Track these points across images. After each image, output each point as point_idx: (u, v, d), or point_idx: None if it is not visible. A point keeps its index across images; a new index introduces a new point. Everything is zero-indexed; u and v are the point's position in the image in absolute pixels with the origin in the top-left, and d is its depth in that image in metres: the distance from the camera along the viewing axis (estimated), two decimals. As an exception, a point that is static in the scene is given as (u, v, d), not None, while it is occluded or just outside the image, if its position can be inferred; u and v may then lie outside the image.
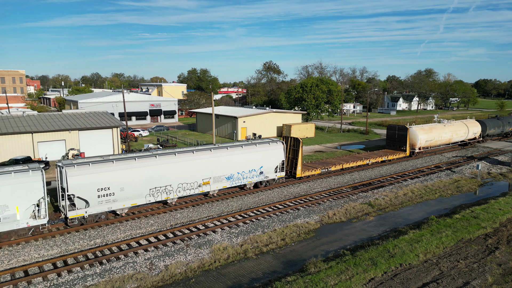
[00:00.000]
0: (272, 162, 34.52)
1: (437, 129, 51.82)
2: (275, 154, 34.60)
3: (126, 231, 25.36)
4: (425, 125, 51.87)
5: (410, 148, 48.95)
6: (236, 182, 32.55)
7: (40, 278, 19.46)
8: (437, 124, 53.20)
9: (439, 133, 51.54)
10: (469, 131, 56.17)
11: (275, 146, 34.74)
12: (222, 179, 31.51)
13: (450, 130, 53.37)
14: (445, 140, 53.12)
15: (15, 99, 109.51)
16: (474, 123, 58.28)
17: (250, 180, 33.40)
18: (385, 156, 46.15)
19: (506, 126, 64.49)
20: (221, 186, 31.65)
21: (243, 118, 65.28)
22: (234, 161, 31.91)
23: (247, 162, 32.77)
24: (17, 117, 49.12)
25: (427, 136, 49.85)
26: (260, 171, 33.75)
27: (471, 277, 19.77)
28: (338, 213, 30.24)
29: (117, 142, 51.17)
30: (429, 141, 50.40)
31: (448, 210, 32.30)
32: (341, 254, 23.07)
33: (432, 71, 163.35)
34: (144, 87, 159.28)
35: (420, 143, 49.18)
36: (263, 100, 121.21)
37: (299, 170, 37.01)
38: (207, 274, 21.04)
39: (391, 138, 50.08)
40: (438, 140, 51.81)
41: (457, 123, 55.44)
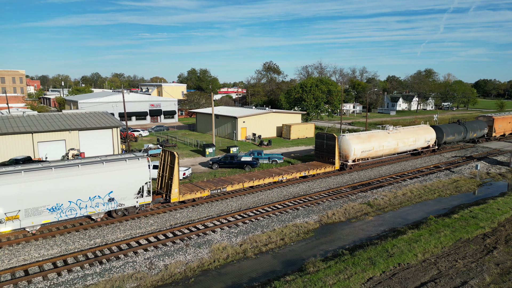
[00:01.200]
0: (129, 184, 26.79)
1: (378, 137, 44.64)
2: (135, 174, 26.90)
3: (126, 231, 25.46)
4: (362, 133, 44.67)
5: (342, 160, 42.17)
6: (69, 214, 24.59)
7: (40, 278, 19.57)
8: (379, 132, 46.13)
9: (380, 142, 44.40)
10: (419, 138, 49.36)
11: (134, 164, 26.97)
12: (43, 212, 23.53)
13: (396, 138, 46.28)
14: (388, 150, 45.90)
15: (15, 99, 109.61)
16: (428, 129, 51.64)
17: (93, 210, 25.52)
18: (306, 170, 38.51)
19: (469, 132, 57.17)
20: (40, 221, 23.60)
21: (243, 118, 65.38)
22: (63, 186, 24.01)
23: (87, 187, 24.94)
24: (17, 117, 49.21)
25: (363, 146, 42.52)
26: (109, 197, 26.05)
27: (469, 277, 19.88)
28: (337, 213, 30.35)
29: (117, 142, 51.28)
30: (366, 152, 43.13)
31: (447, 210, 32.41)
32: (340, 254, 23.18)
33: (432, 71, 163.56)
34: (144, 87, 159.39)
35: (354, 154, 41.96)
36: (263, 100, 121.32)
37: (175, 193, 29.36)
38: (206, 273, 21.14)
39: (320, 149, 42.54)
40: (379, 150, 44.52)
41: (405, 130, 48.76)
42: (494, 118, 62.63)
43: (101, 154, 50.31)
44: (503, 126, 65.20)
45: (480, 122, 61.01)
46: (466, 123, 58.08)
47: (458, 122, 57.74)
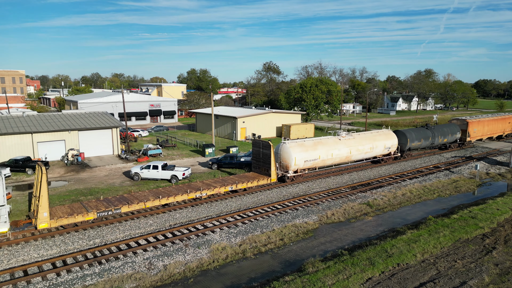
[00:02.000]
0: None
1: (326, 144, 39.69)
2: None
3: (125, 231, 25.47)
4: (308, 140, 39.43)
5: (282, 170, 37.69)
6: None
7: (39, 278, 19.57)
8: (329, 138, 41.16)
9: (329, 150, 39.49)
10: (377, 145, 44.50)
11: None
12: None
13: (348, 145, 41.45)
14: (339, 159, 41.17)
15: (15, 99, 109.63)
16: (388, 135, 46.64)
17: None
18: (234, 184, 33.53)
19: (437, 137, 52.37)
20: None
21: (243, 118, 65.40)
22: None
23: None
24: (17, 117, 49.24)
25: (307, 154, 37.61)
26: None
27: (468, 277, 19.88)
28: (336, 213, 30.35)
29: (116, 142, 51.30)
30: (311, 161, 38.30)
31: (446, 210, 32.41)
32: (339, 254, 23.18)
33: (432, 71, 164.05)
34: (144, 87, 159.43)
35: (296, 164, 37.00)
36: (262, 101, 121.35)
37: (44, 218, 24.35)
38: (205, 274, 21.14)
39: (257, 158, 37.45)
40: (327, 159, 39.72)
41: (360, 136, 43.68)
42: (468, 122, 57.69)
43: (101, 154, 50.36)
44: (479, 130, 59.98)
45: (452, 125, 56.39)
46: (435, 127, 53.44)
47: (426, 126, 53.20)
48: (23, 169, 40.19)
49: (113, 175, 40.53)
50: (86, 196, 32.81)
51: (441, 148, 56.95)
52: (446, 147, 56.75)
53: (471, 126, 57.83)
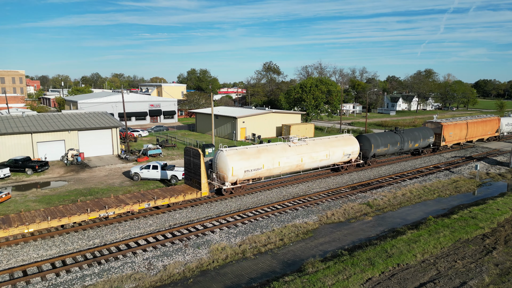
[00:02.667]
0: None
1: (272, 152, 35.27)
2: None
3: (124, 231, 25.43)
4: (251, 147, 34.91)
5: (219, 182, 33.30)
6: None
7: (38, 278, 19.53)
8: (277, 145, 36.63)
9: (275, 158, 35.15)
10: (334, 152, 40.10)
11: None
12: None
13: (299, 152, 37.10)
14: (289, 168, 36.71)
15: (15, 99, 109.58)
16: (349, 140, 42.27)
17: None
18: (152, 200, 28.58)
19: (406, 142, 48.23)
20: None
21: (243, 118, 65.37)
22: None
23: None
24: (16, 118, 49.20)
25: (248, 163, 33.22)
26: None
27: (468, 277, 19.85)
28: (336, 213, 30.32)
29: (116, 143, 51.27)
30: (254, 171, 33.80)
31: (446, 210, 32.38)
32: (339, 254, 23.15)
33: (432, 71, 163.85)
34: (143, 88, 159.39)
35: (234, 175, 32.70)
36: (262, 101, 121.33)
37: None
38: (205, 274, 21.11)
39: (188, 168, 32.60)
40: (274, 169, 35.38)
41: (314, 142, 39.36)
42: (443, 125, 53.54)
43: (100, 154, 50.33)
44: (455, 133, 55.63)
45: (424, 129, 52.21)
46: (404, 132, 49.18)
47: (394, 130, 49.19)
48: (23, 169, 40.16)
49: (113, 175, 40.49)
50: (85, 196, 32.78)
51: (414, 154, 53.17)
52: (418, 152, 52.87)
53: (446, 129, 53.80)
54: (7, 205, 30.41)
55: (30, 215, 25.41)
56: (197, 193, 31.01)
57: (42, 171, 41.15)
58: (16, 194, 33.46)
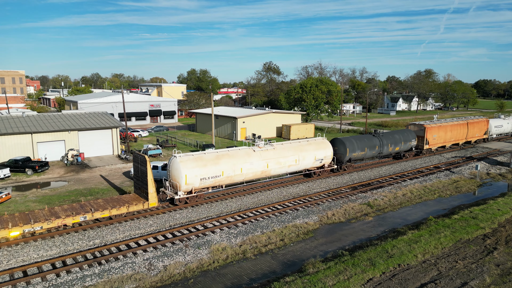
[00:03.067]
0: None
1: (233, 157, 32.53)
2: None
3: (125, 232, 25.40)
4: (209, 153, 31.92)
5: (172, 191, 30.55)
6: None
7: (39, 279, 19.50)
8: (239, 150, 33.82)
9: (236, 164, 32.40)
10: (305, 156, 37.50)
11: None
12: None
13: (265, 157, 34.42)
14: (253, 174, 34.06)
15: (15, 100, 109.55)
16: (322, 144, 39.45)
17: None
18: (90, 212, 26.18)
19: (386, 146, 45.40)
20: None
21: (243, 118, 65.33)
22: None
23: None
24: (16, 118, 49.18)
25: (205, 170, 30.44)
26: None
27: (469, 278, 19.82)
28: (337, 213, 30.29)
29: (116, 143, 51.24)
30: (212, 179, 31.05)
31: (447, 210, 32.35)
32: (339, 255, 23.12)
33: (432, 71, 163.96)
34: (143, 88, 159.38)
35: (189, 183, 29.84)
36: (262, 101, 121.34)
37: None
38: (206, 274, 21.08)
39: (137, 176, 30.50)
40: (236, 175, 32.64)
41: (283, 146, 36.55)
42: (426, 127, 50.67)
43: (100, 155, 50.30)
44: (440, 136, 53.04)
45: (406, 132, 49.36)
46: (383, 135, 46.28)
47: (373, 133, 46.32)
48: (23, 170, 40.13)
49: (113, 176, 40.46)
50: (86, 197, 32.74)
51: (396, 158, 50.47)
52: (400, 156, 50.07)
53: (429, 132, 51.09)
54: (7, 205, 30.39)
55: None
56: (144, 204, 28.50)
57: (42, 171, 41.12)
58: (16, 194, 33.43)
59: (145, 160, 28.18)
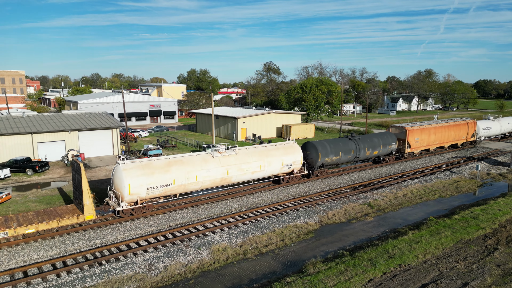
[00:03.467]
0: None
1: (187, 164, 29.71)
2: None
3: (125, 232, 25.37)
4: (160, 159, 29.40)
5: (115, 201, 27.59)
6: None
7: (39, 279, 19.47)
8: (195, 156, 31.05)
9: (191, 172, 29.56)
10: (271, 162, 34.76)
11: None
12: None
13: (225, 163, 31.66)
14: (211, 182, 31.00)
15: (15, 100, 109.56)
16: (290, 148, 36.71)
17: None
18: (11, 228, 23.45)
19: (363, 150, 42.89)
20: None
21: (243, 118, 65.32)
22: None
23: None
24: (16, 118, 49.15)
25: (152, 178, 27.66)
26: None
27: (470, 278, 19.80)
28: (337, 213, 30.27)
29: (116, 143, 51.22)
30: (161, 188, 28.26)
31: (447, 210, 32.33)
32: (340, 255, 23.09)
33: (432, 71, 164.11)
34: (144, 88, 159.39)
35: (133, 193, 26.97)
36: (263, 101, 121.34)
37: None
38: (206, 274, 21.06)
39: (75, 186, 28.26)
40: (190, 184, 29.70)
41: (247, 151, 33.96)
42: (407, 130, 48.13)
43: (101, 155, 50.29)
44: (423, 139, 50.45)
45: (385, 135, 46.57)
46: (360, 138, 43.64)
47: (349, 137, 43.44)
48: (23, 170, 40.10)
49: (113, 176, 40.40)
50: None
51: (376, 162, 47.83)
52: (380, 160, 47.53)
53: (411, 134, 48.60)
54: (8, 205, 30.37)
55: None
56: (78, 217, 25.90)
57: (43, 172, 41.10)
58: (16, 195, 33.41)
59: (80, 167, 25.67)
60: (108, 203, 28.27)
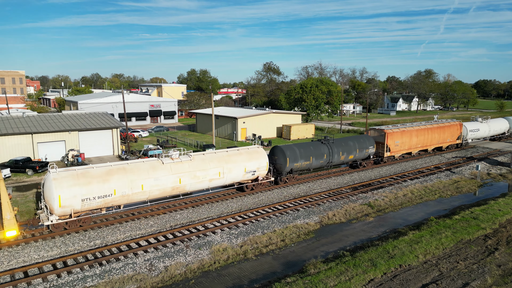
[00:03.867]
0: None
1: (132, 172, 27.04)
2: None
3: (126, 232, 25.38)
4: (100, 166, 26.50)
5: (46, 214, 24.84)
6: None
7: (39, 279, 19.48)
8: (143, 163, 28.36)
9: (136, 180, 26.92)
10: (231, 168, 32.17)
11: None
12: None
13: (177, 170, 29.03)
14: (160, 191, 28.44)
15: (15, 100, 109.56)
16: (255, 153, 34.22)
17: None
18: None
19: (336, 154, 40.33)
20: None
21: (243, 118, 65.31)
22: None
23: None
24: (17, 118, 49.15)
25: (88, 189, 24.97)
26: None
27: (470, 278, 19.80)
28: (337, 214, 30.28)
29: (117, 143, 51.22)
30: (100, 199, 25.54)
31: (447, 211, 32.34)
32: (340, 255, 23.10)
33: (432, 71, 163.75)
34: (144, 88, 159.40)
35: (65, 206, 24.39)
36: (263, 101, 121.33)
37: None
38: (206, 275, 21.06)
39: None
40: (135, 194, 27.06)
41: (204, 157, 31.33)
42: (386, 132, 45.41)
43: (101, 155, 50.28)
44: (404, 142, 47.86)
45: (362, 138, 44.08)
46: (334, 142, 41.02)
47: (322, 140, 40.78)
48: (23, 170, 40.09)
49: (114, 176, 40.38)
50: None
51: (353, 166, 45.27)
52: (357, 165, 44.80)
53: (390, 137, 45.95)
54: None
55: None
56: None
57: (43, 172, 41.09)
58: (16, 195, 33.40)
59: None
60: (40, 216, 25.28)
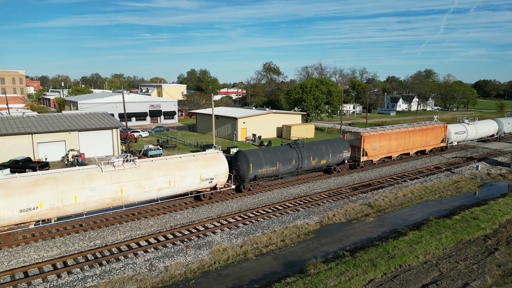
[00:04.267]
0: None
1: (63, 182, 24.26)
2: None
3: (126, 232, 25.38)
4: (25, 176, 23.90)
5: None
6: None
7: (40, 279, 19.48)
8: (79, 171, 25.47)
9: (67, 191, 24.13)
10: (184, 176, 29.37)
11: None
12: None
13: (119, 179, 26.34)
14: (98, 203, 25.63)
15: (15, 100, 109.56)
16: (213, 159, 31.46)
17: None
18: None
19: (307, 159, 37.72)
20: None
21: (243, 119, 65.32)
22: None
23: None
24: (17, 118, 49.15)
25: (8, 202, 22.39)
26: None
27: (470, 278, 19.80)
28: (337, 214, 30.29)
29: (117, 143, 51.22)
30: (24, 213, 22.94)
31: (447, 211, 32.35)
32: (340, 255, 23.10)
33: (432, 71, 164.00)
34: (144, 88, 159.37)
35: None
36: (263, 101, 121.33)
37: None
38: (207, 275, 21.07)
39: None
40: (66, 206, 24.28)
41: (153, 164, 28.81)
42: (362, 136, 42.68)
43: (101, 155, 50.29)
44: (382, 146, 45.10)
45: (335, 142, 41.30)
46: (304, 146, 38.22)
47: (291, 144, 38.15)
48: (23, 170, 40.06)
49: (114, 176, 40.37)
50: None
51: (327, 171, 42.36)
52: (331, 170, 41.85)
53: (367, 141, 43.10)
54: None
55: None
56: None
57: (43, 172, 41.05)
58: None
59: None
60: None
